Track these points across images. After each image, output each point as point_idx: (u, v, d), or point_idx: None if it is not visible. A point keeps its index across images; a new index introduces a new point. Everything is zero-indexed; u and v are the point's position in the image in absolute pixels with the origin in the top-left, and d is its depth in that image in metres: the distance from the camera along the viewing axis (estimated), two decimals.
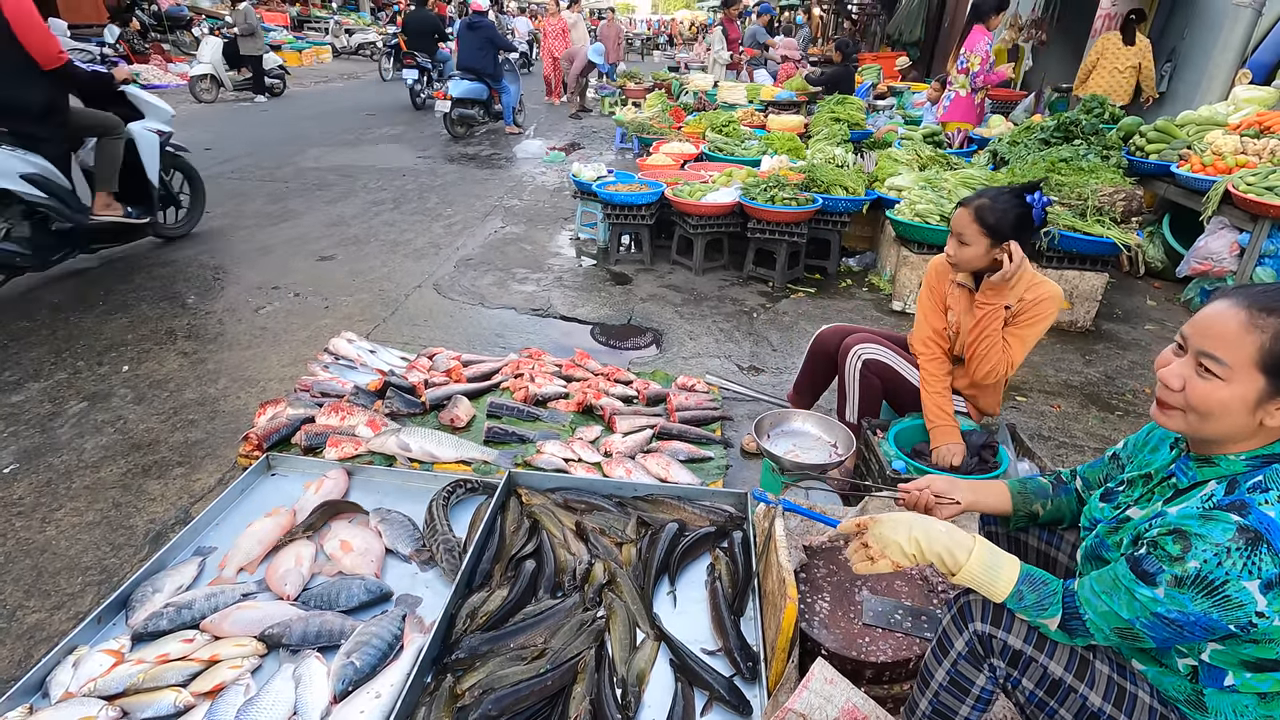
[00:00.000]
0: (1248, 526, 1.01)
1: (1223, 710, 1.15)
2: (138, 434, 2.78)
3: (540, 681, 1.69)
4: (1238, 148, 4.55)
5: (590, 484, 2.43)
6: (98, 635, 1.81)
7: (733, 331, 4.02)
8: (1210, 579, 1.02)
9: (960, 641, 1.28)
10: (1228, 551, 1.01)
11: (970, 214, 2.17)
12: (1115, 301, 4.66)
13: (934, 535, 1.28)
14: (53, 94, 3.74)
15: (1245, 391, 1.07)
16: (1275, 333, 1.04)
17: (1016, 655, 1.23)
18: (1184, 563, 1.04)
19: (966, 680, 1.28)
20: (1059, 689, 1.21)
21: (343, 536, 2.12)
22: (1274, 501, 1.04)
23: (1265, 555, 1.00)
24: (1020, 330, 2.26)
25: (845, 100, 7.11)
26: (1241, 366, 1.06)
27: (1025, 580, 1.22)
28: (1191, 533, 1.05)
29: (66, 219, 3.83)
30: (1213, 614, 1.03)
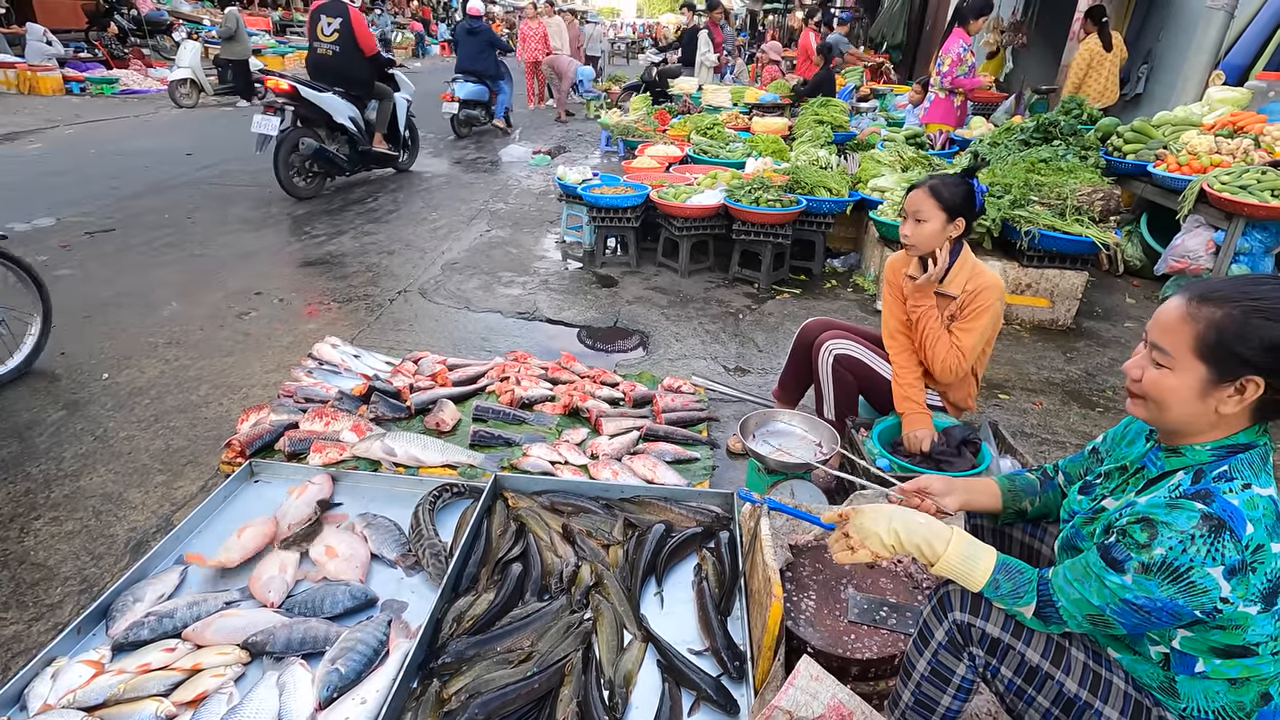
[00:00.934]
0: (1211, 514, 1.04)
1: (1194, 696, 1.17)
2: (118, 442, 2.75)
3: (527, 684, 1.68)
4: (1212, 147, 4.63)
5: (577, 486, 2.43)
6: (77, 646, 1.78)
7: (719, 333, 4.03)
8: (1175, 565, 1.04)
9: (940, 631, 1.30)
10: (1192, 539, 1.04)
11: (925, 191, 2.28)
12: (1095, 300, 4.73)
13: (913, 527, 1.31)
14: (369, 72, 6.53)
15: (1189, 379, 1.11)
16: (1208, 322, 1.08)
17: (995, 643, 1.25)
18: (1150, 550, 1.06)
19: (947, 670, 1.30)
20: (1036, 676, 1.23)
21: (328, 542, 2.11)
22: (1238, 490, 1.07)
23: (1228, 542, 1.03)
24: (967, 323, 2.33)
25: (828, 103, 7.17)
26: (1182, 355, 1.11)
27: (1001, 569, 1.25)
28: (1158, 521, 1.07)
29: (363, 145, 6.62)
30: (1178, 600, 1.06)
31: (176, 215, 5.77)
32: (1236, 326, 1.06)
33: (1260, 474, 1.10)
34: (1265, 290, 1.08)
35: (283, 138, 5.98)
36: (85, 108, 10.88)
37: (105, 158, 7.67)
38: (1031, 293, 4.25)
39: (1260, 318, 1.05)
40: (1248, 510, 1.05)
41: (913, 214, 2.30)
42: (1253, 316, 1.05)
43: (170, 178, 6.95)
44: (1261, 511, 1.06)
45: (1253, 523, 1.04)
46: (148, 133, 9.32)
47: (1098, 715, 1.20)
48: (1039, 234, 4.08)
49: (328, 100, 6.11)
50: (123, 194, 6.26)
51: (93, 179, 6.74)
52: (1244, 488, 1.07)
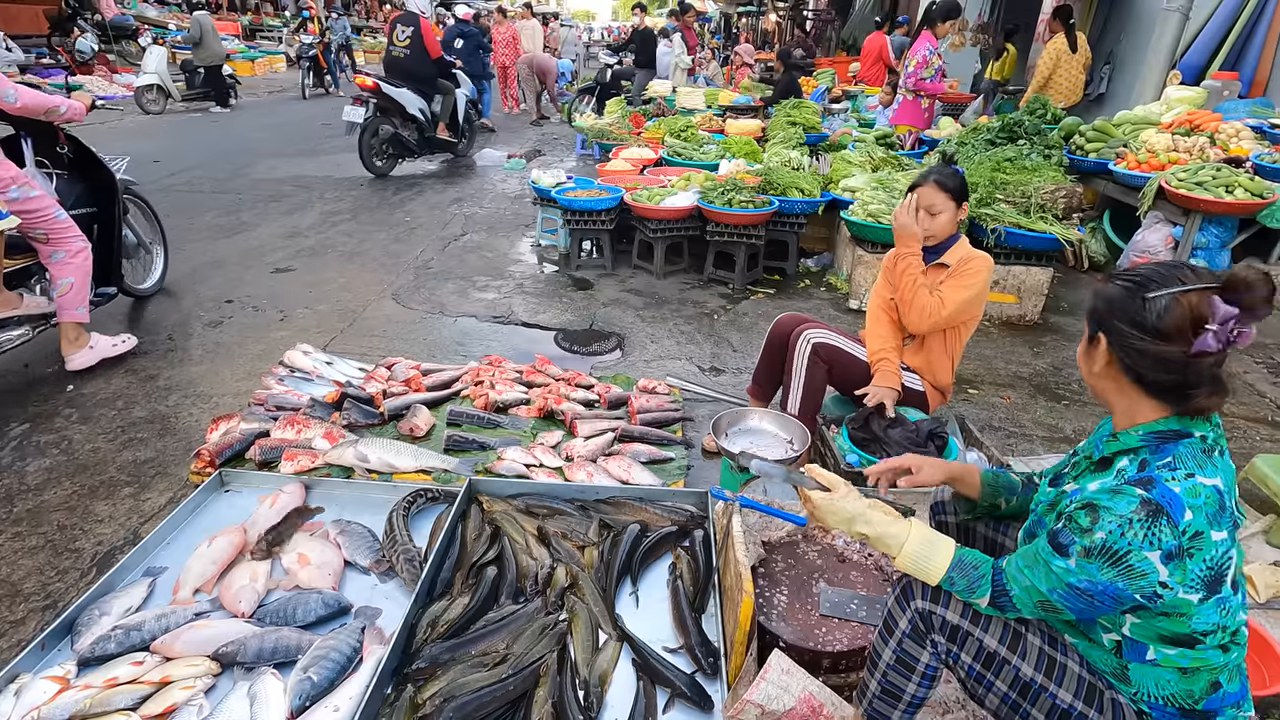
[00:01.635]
0: (1150, 500, 1.08)
1: (1145, 684, 1.21)
2: (83, 454, 2.70)
3: (502, 687, 1.68)
4: (1170, 145, 4.76)
5: (552, 489, 2.43)
6: (41, 662, 1.75)
7: (694, 334, 4.06)
8: (1115, 549, 1.08)
9: (904, 621, 1.33)
10: (1130, 523, 1.07)
11: (934, 186, 2.42)
12: (1061, 295, 4.83)
13: (873, 527, 1.37)
14: (434, 71, 7.72)
15: (1082, 339, 1.28)
16: (1096, 291, 1.25)
17: (955, 630, 1.29)
18: (1092, 534, 1.10)
19: (912, 658, 1.33)
20: (994, 661, 1.27)
21: (300, 550, 2.09)
22: (1181, 480, 1.10)
23: (1165, 527, 1.06)
24: (956, 282, 2.45)
25: (801, 105, 7.24)
26: (1086, 323, 1.28)
27: (956, 567, 1.29)
28: (1100, 505, 1.11)
29: (429, 132, 7.75)
30: (1118, 583, 1.09)
31: None
32: (1102, 289, 1.23)
33: (1205, 465, 1.13)
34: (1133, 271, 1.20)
35: (366, 125, 7.26)
36: None
37: None
38: (999, 289, 4.33)
39: (1114, 281, 1.20)
40: (1188, 498, 1.08)
41: (926, 208, 2.43)
42: (1112, 280, 1.21)
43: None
44: (1203, 500, 1.08)
45: (1192, 510, 1.07)
46: (114, 139, 9.14)
47: (1052, 697, 1.23)
48: (1005, 231, 4.16)
49: (402, 94, 7.30)
50: None
51: None
52: (1187, 476, 1.10)
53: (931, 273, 2.51)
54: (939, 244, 2.50)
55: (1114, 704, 1.23)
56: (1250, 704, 1.23)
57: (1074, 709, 1.22)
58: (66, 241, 3.12)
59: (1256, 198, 4.05)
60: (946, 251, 2.50)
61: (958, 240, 2.52)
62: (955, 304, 2.41)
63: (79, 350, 3.24)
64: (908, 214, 2.46)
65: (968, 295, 2.42)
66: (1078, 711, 1.22)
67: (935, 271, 2.51)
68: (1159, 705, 1.21)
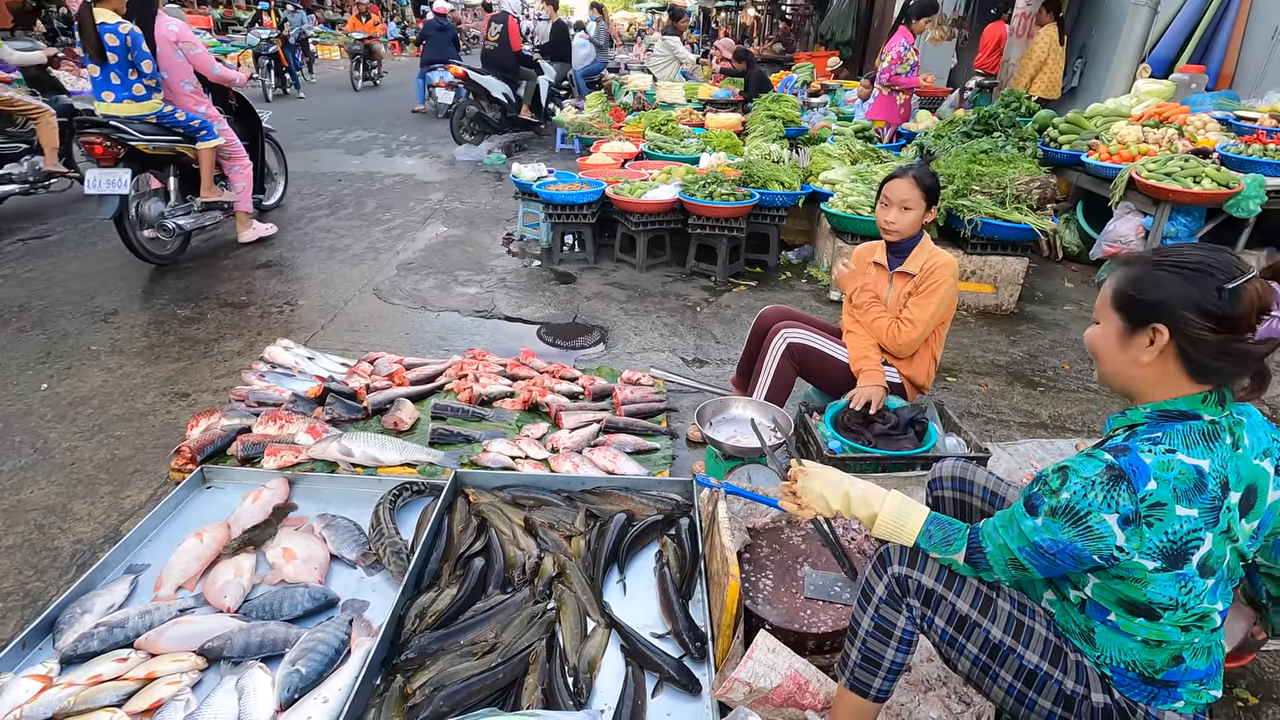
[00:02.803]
0: (1115, 465, 1.12)
1: (1109, 649, 1.25)
2: (60, 453, 2.66)
3: (492, 675, 1.70)
4: (1140, 137, 4.86)
5: (538, 480, 2.44)
6: (22, 661, 1.73)
7: (677, 326, 4.08)
8: (1076, 509, 1.13)
9: (881, 586, 1.37)
10: (1092, 485, 1.12)
11: (911, 181, 2.42)
12: (1036, 285, 4.92)
13: (856, 490, 1.42)
14: (516, 61, 9.13)
15: (1110, 329, 1.22)
16: (1123, 276, 1.21)
17: (929, 594, 1.33)
18: (1059, 494, 1.15)
19: (889, 623, 1.37)
20: (966, 624, 1.32)
21: (285, 544, 2.08)
22: (1159, 453, 1.12)
23: (1124, 492, 1.11)
24: (922, 298, 2.47)
25: (780, 98, 7.28)
26: (1104, 308, 1.24)
27: (933, 521, 1.35)
28: (1070, 469, 1.16)
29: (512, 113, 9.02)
30: (1078, 543, 1.14)
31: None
32: (1142, 275, 1.18)
33: (1196, 446, 1.13)
34: (1174, 248, 1.19)
35: (455, 107, 8.98)
36: None
37: None
38: (976, 279, 4.40)
39: (1160, 268, 1.16)
40: (1158, 470, 1.10)
41: (899, 203, 2.43)
42: (1156, 268, 1.17)
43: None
44: (1175, 474, 1.10)
45: (1158, 481, 1.10)
46: None
47: (1019, 659, 1.28)
48: (981, 222, 4.23)
49: (487, 80, 8.69)
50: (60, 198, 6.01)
51: None
52: (1166, 451, 1.12)
53: (897, 281, 2.54)
54: (901, 243, 2.51)
55: (1078, 665, 1.27)
56: (1219, 684, 1.26)
57: (1040, 669, 1.27)
58: (240, 159, 4.97)
59: (1223, 188, 4.15)
60: (910, 255, 2.51)
61: (920, 240, 2.52)
62: (925, 320, 2.45)
63: (246, 230, 5.13)
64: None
65: (934, 306, 2.45)
66: (1044, 672, 1.27)
67: (901, 281, 2.53)
68: (1120, 669, 1.25)
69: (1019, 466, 2.73)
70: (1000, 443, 2.89)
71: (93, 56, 4.15)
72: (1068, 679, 1.26)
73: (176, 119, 4.47)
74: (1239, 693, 1.85)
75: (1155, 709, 1.23)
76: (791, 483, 1.51)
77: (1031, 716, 1.31)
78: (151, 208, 4.43)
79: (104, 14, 4.09)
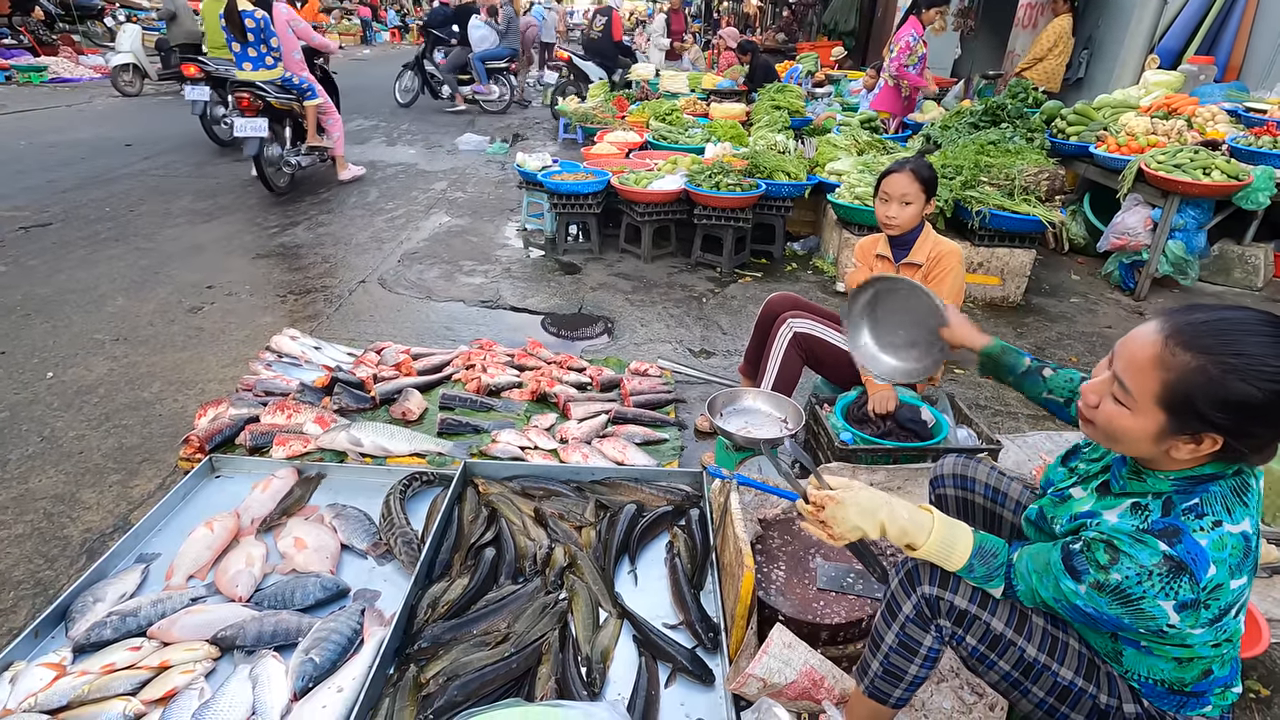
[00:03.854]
0: (1173, 556, 1.04)
1: (1137, 668, 1.24)
2: (67, 442, 2.65)
3: (505, 665, 1.70)
4: (1149, 128, 4.83)
5: (547, 470, 2.44)
6: (35, 649, 1.73)
7: (683, 317, 4.06)
8: (1128, 593, 1.07)
9: (909, 605, 1.32)
10: (1149, 574, 1.05)
11: (909, 175, 2.41)
12: (1043, 277, 4.90)
13: (896, 520, 1.28)
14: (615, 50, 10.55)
15: (1146, 424, 1.08)
16: (1181, 373, 1.02)
17: (962, 615, 1.28)
18: (1108, 573, 1.08)
19: (915, 641, 1.32)
20: (1000, 643, 1.27)
21: (296, 534, 2.08)
22: (1208, 529, 1.05)
23: (1185, 583, 1.04)
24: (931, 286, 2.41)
25: (785, 88, 7.23)
26: (1145, 399, 1.07)
27: (978, 554, 1.26)
28: (1122, 550, 1.08)
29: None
30: (1124, 619, 1.09)
31: (118, 208, 5.54)
32: (1210, 386, 1.00)
33: (1235, 508, 1.08)
34: (1248, 345, 1.00)
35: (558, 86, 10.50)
36: (12, 97, 10.32)
37: (38, 150, 7.30)
38: (983, 271, 4.39)
39: (1236, 378, 0.99)
40: (1214, 551, 1.04)
41: (898, 197, 2.42)
42: (1230, 376, 0.99)
43: (110, 169, 6.66)
44: (1229, 551, 1.05)
45: (1216, 564, 1.04)
46: (83, 123, 8.90)
47: (1054, 675, 1.25)
48: (989, 213, 4.20)
49: (588, 66, 10.12)
50: (59, 187, 5.98)
51: (26, 171, 6.42)
52: (1214, 525, 1.05)
53: (905, 273, 2.51)
54: (904, 235, 2.51)
55: (1110, 678, 1.25)
56: (1239, 681, 1.25)
57: (1075, 685, 1.24)
58: (333, 114, 6.40)
59: (1232, 180, 4.13)
60: (914, 247, 2.52)
61: (922, 231, 2.53)
62: None
63: (344, 171, 6.68)
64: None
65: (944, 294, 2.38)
66: (1078, 687, 1.24)
67: (908, 272, 2.52)
68: (1149, 685, 1.23)
69: (1028, 458, 2.73)
70: (1009, 435, 2.89)
71: (237, 37, 5.51)
72: (1101, 693, 1.24)
73: (292, 82, 5.86)
74: (1250, 685, 1.85)
75: (1185, 715, 1.22)
76: (818, 509, 1.36)
77: None
78: (274, 150, 5.82)
79: (243, 3, 5.44)
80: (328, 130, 6.31)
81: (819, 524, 1.36)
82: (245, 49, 5.56)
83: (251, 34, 5.45)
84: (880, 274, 2.13)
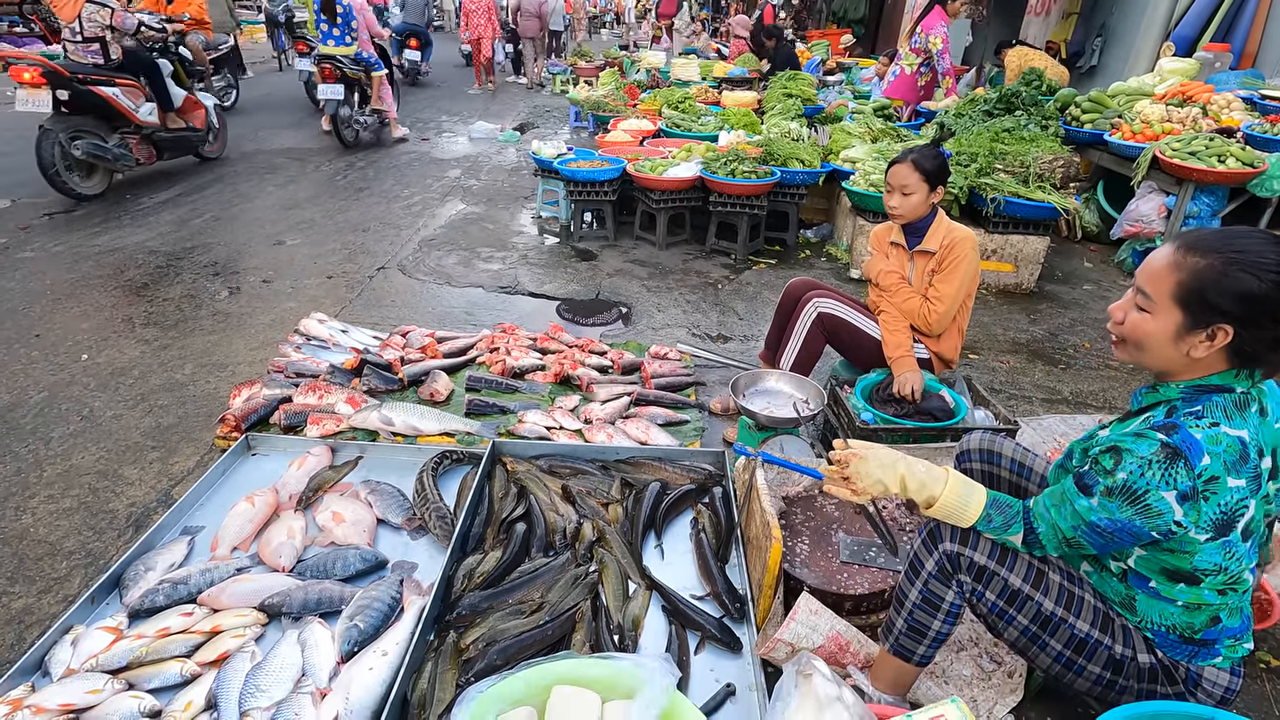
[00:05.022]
0: (1169, 444, 1.13)
1: (1150, 615, 1.30)
2: (105, 420, 2.73)
3: (541, 631, 1.76)
4: (1164, 116, 4.83)
5: (573, 449, 2.50)
6: (93, 615, 1.81)
7: (699, 303, 4.11)
8: (1134, 488, 1.14)
9: (930, 562, 1.39)
10: (1149, 464, 1.13)
11: (910, 165, 2.44)
12: (1056, 264, 4.92)
13: (914, 473, 1.36)
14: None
15: (1166, 324, 1.18)
16: (1192, 270, 1.15)
17: (981, 570, 1.35)
18: (1115, 475, 1.16)
19: (937, 597, 1.40)
20: (1018, 598, 1.34)
21: (334, 508, 2.15)
22: (1205, 427, 1.14)
23: (1181, 469, 1.12)
24: (946, 274, 2.51)
25: (796, 76, 7.23)
26: (1163, 300, 1.18)
27: (993, 504, 1.33)
28: (1124, 448, 1.16)
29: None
30: (1136, 520, 1.16)
31: (139, 194, 5.61)
32: (1216, 276, 1.12)
33: (1234, 416, 1.16)
34: (1248, 243, 1.13)
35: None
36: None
37: None
38: (997, 258, 4.42)
39: (1238, 269, 1.11)
40: (1208, 444, 1.12)
41: (899, 188, 2.47)
42: (1232, 267, 1.11)
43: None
44: (1224, 447, 1.13)
45: (1210, 455, 1.12)
46: None
47: (1070, 628, 1.32)
48: (1004, 201, 4.23)
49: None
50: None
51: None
52: (1211, 425, 1.14)
53: (919, 260, 2.58)
54: (915, 223, 2.54)
55: (1124, 629, 1.32)
56: (1250, 638, 1.32)
57: (1090, 636, 1.31)
58: (388, 85, 7.71)
59: (1247, 167, 4.14)
60: (927, 234, 2.55)
61: (934, 218, 2.55)
62: (952, 295, 2.50)
63: (396, 130, 8.06)
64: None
65: (959, 281, 2.49)
66: (1094, 639, 1.31)
67: (922, 259, 2.58)
68: (1161, 633, 1.30)
69: (1043, 440, 2.78)
70: (1024, 418, 2.94)
71: (329, 19, 6.95)
72: (1116, 644, 1.30)
73: (363, 56, 7.27)
74: (1261, 655, 1.90)
75: (1196, 665, 1.29)
76: (842, 466, 1.43)
77: (1079, 680, 1.35)
78: (345, 111, 7.34)
79: None
80: (384, 99, 7.71)
81: (843, 481, 1.43)
82: (331, 29, 6.99)
83: (340, 17, 6.90)
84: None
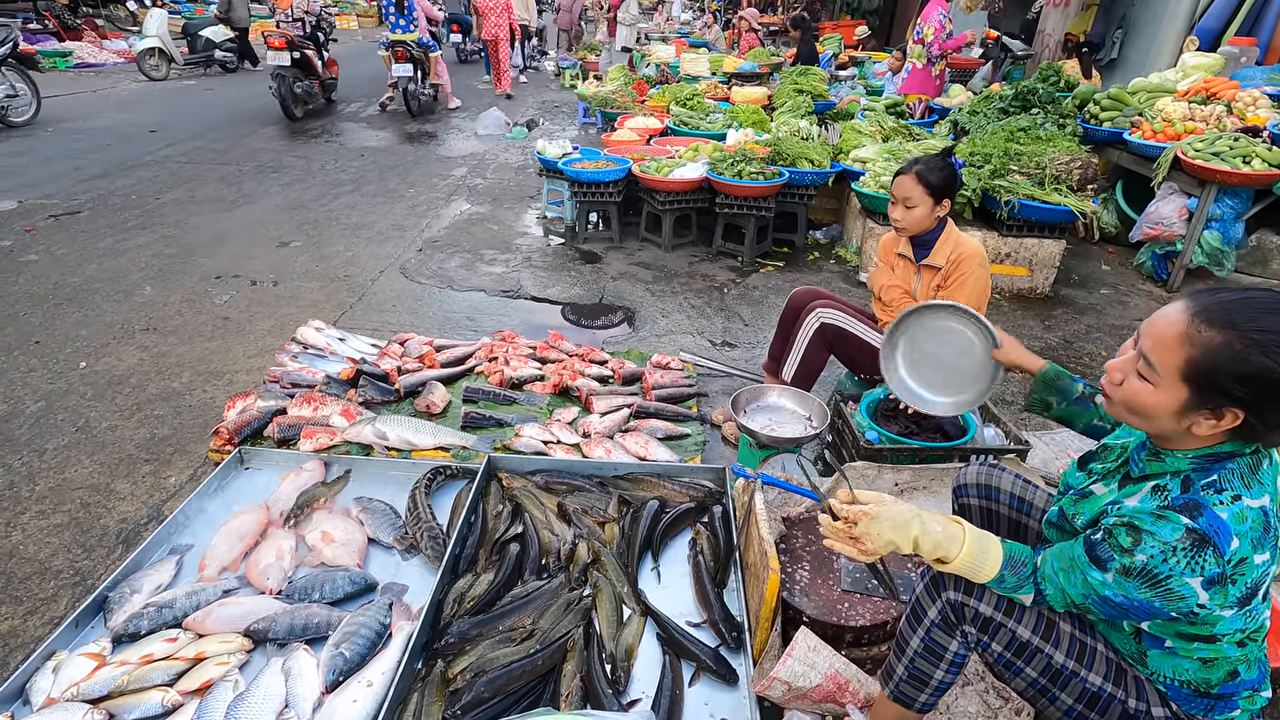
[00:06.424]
0: (1196, 529, 1.04)
1: (1163, 670, 1.22)
2: (100, 432, 2.71)
3: (531, 661, 1.71)
4: (1186, 114, 4.69)
5: (570, 465, 2.45)
6: (76, 639, 1.78)
7: (704, 307, 4.04)
8: (1155, 573, 1.05)
9: (934, 610, 1.32)
10: (1174, 550, 1.04)
11: (913, 178, 2.36)
12: (1072, 267, 4.80)
13: (929, 533, 1.27)
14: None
15: (1169, 399, 1.09)
16: (1206, 348, 1.04)
17: (987, 621, 1.28)
18: (1133, 555, 1.07)
19: (940, 647, 1.33)
20: (1026, 650, 1.27)
21: (324, 527, 2.11)
22: (1228, 503, 1.06)
23: (1209, 556, 1.03)
24: (951, 292, 2.42)
25: (807, 71, 7.11)
26: (1169, 375, 1.08)
27: (1008, 564, 1.25)
28: (1144, 529, 1.07)
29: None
30: (1154, 602, 1.08)
31: (144, 195, 5.61)
32: (1233, 360, 1.01)
33: (1252, 484, 1.08)
34: (1272, 321, 1.01)
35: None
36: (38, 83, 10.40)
37: (64, 136, 7.40)
38: (1011, 262, 4.31)
39: (1260, 352, 1.00)
40: (1235, 524, 1.04)
41: (902, 200, 2.39)
42: (1253, 350, 1.00)
43: (135, 156, 6.74)
44: (1250, 524, 1.05)
45: (1239, 537, 1.04)
46: (108, 109, 8.99)
47: (1082, 681, 1.24)
48: (1019, 204, 4.12)
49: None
50: (86, 174, 6.07)
51: (53, 159, 6.51)
52: (1234, 499, 1.06)
53: (925, 274, 2.49)
54: (922, 236, 2.45)
55: (1138, 681, 1.24)
56: (1268, 685, 1.24)
57: (1104, 691, 1.24)
58: (441, 62, 9.58)
59: (1274, 168, 4.00)
60: (934, 248, 2.46)
61: (942, 231, 2.45)
62: None
63: (450, 101, 9.95)
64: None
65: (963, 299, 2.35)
66: (1107, 693, 1.23)
67: (928, 274, 2.49)
68: (1175, 687, 1.22)
69: (1055, 457, 2.69)
70: (1036, 431, 2.85)
71: (399, 11, 8.61)
72: (1130, 697, 1.23)
73: (424, 40, 8.98)
74: None
75: (1212, 719, 1.21)
76: (849, 525, 1.32)
77: None
78: (412, 87, 8.93)
79: None
80: (440, 74, 9.48)
81: (850, 540, 1.33)
82: (399, 18, 8.63)
83: (406, 8, 8.59)
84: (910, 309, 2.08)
